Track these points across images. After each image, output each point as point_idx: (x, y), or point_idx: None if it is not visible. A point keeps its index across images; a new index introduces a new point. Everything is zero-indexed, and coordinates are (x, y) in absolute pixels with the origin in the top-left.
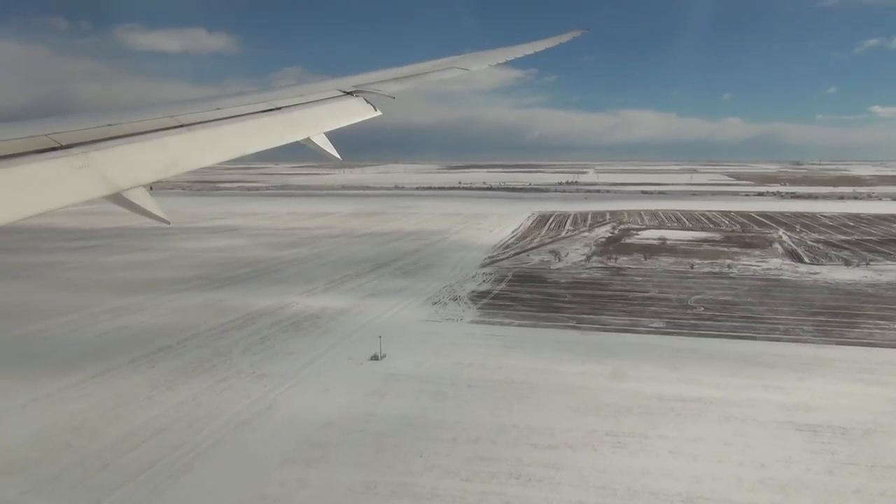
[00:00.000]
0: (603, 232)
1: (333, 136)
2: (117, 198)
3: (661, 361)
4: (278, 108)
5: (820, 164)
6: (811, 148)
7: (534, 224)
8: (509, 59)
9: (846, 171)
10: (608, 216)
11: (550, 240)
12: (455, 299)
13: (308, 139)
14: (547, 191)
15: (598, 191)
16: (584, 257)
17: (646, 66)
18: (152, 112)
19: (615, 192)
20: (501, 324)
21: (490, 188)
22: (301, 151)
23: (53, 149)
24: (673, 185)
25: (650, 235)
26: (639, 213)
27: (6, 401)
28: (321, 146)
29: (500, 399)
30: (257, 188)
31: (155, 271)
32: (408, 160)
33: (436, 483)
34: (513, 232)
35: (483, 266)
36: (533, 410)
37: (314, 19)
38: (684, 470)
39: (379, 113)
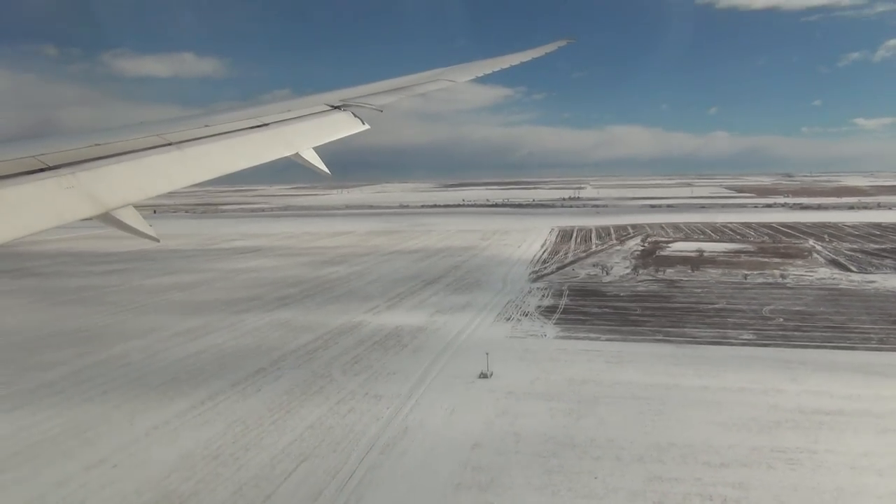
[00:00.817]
0: (634, 245)
1: (322, 154)
2: (106, 217)
3: (777, 373)
4: (266, 125)
5: (811, 176)
6: (797, 160)
7: (559, 239)
8: (496, 69)
9: (839, 182)
10: (630, 230)
11: (584, 254)
12: (526, 315)
13: (297, 154)
14: (553, 206)
15: (605, 206)
16: (629, 270)
17: (633, 81)
18: (140, 131)
19: (622, 206)
20: (588, 339)
21: (495, 205)
22: (290, 172)
23: (41, 170)
24: (676, 198)
25: (684, 248)
26: (660, 225)
27: (126, 429)
28: (310, 161)
29: (637, 415)
30: (261, 209)
31: (200, 293)
32: (397, 179)
33: None
34: (542, 247)
35: (533, 281)
36: (678, 427)
37: (302, 41)
38: (878, 486)
39: (367, 127)
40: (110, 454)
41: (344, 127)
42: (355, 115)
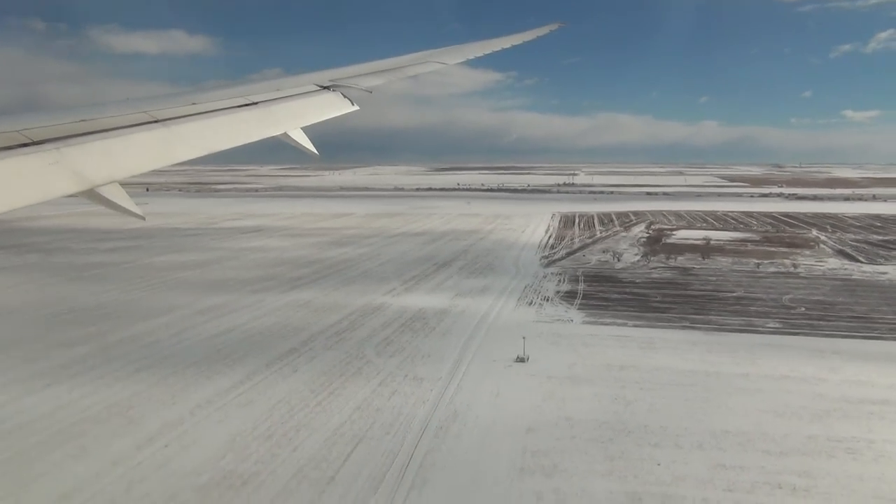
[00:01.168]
0: (638, 232)
1: (311, 134)
2: (91, 194)
3: (813, 361)
4: (255, 103)
5: (800, 167)
6: (786, 151)
7: (561, 224)
8: (486, 52)
9: (829, 173)
10: (632, 216)
11: (591, 240)
12: (547, 300)
13: (285, 134)
14: (549, 192)
15: (601, 192)
16: (639, 257)
17: (625, 68)
18: (126, 108)
19: (619, 193)
20: (615, 324)
21: (491, 189)
22: (278, 152)
23: (25, 145)
24: (670, 186)
25: (690, 236)
26: (660, 213)
27: (169, 408)
28: (298, 141)
29: (684, 402)
30: (254, 189)
31: (213, 272)
32: (386, 162)
33: (703, 493)
34: (546, 232)
35: (546, 266)
36: (728, 414)
37: (294, 20)
38: None
39: (356, 108)
40: (158, 433)
41: (333, 107)
42: (344, 96)
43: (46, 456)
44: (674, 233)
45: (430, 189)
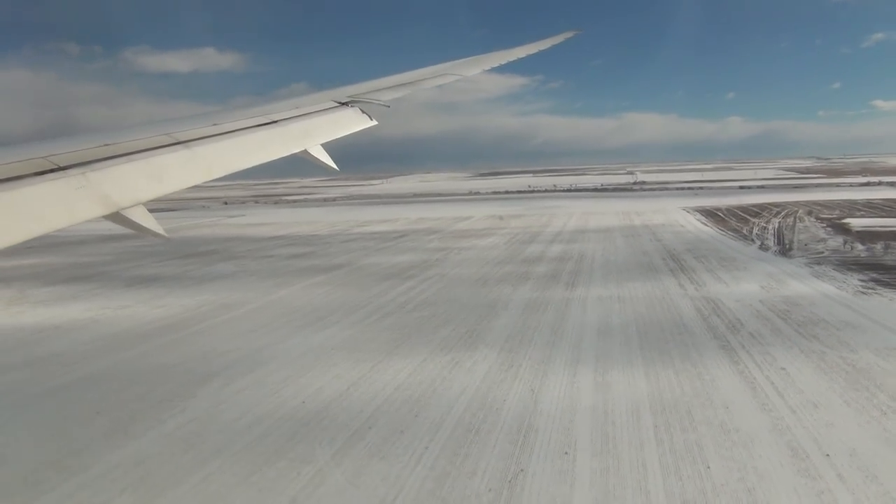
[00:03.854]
0: (810, 223)
1: (336, 146)
2: (116, 216)
3: None
4: (275, 122)
5: (846, 158)
6: (813, 144)
7: (710, 219)
8: (503, 62)
9: (885, 162)
10: (773, 208)
11: (774, 232)
12: (872, 290)
13: (305, 151)
14: (632, 190)
15: (688, 188)
16: (860, 244)
17: (649, 67)
18: (149, 131)
19: (708, 188)
20: None
21: (568, 190)
22: (298, 166)
23: (52, 170)
24: (748, 180)
25: (865, 224)
26: (792, 204)
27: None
28: (319, 158)
29: None
30: (332, 199)
31: (465, 269)
32: (409, 171)
33: None
34: (706, 225)
35: (786, 256)
36: None
37: (321, 33)
38: None
39: (375, 122)
40: None
41: (352, 123)
42: (363, 111)
43: None
44: (840, 220)
45: (506, 192)
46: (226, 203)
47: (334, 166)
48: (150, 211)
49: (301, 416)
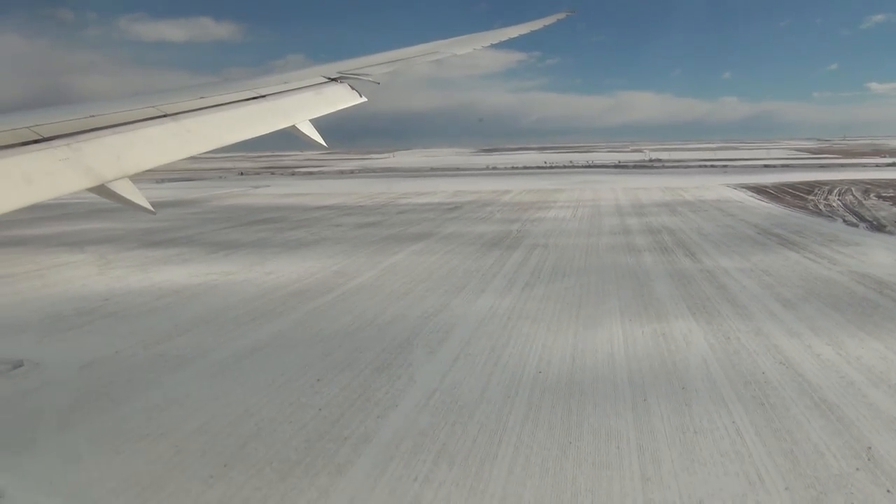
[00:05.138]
0: (876, 201)
1: (327, 122)
2: (101, 189)
3: None
4: (263, 96)
5: (846, 140)
6: (806, 125)
7: (765, 196)
8: (495, 42)
9: (888, 144)
10: (823, 187)
11: (847, 208)
12: None
13: (294, 127)
14: (653, 167)
15: (711, 166)
16: None
17: (648, 46)
18: (136, 102)
19: (732, 166)
20: None
21: (587, 166)
22: (292, 141)
23: (36, 141)
24: (768, 159)
25: None
26: (837, 182)
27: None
28: (307, 133)
29: None
30: (350, 171)
31: (575, 238)
32: (401, 146)
33: None
34: (775, 202)
35: (885, 232)
36: None
37: (318, 4)
38: None
39: (364, 99)
40: None
41: (341, 99)
42: (352, 88)
43: None
44: None
45: (525, 168)
46: (242, 174)
47: (322, 143)
48: (161, 181)
49: (555, 386)
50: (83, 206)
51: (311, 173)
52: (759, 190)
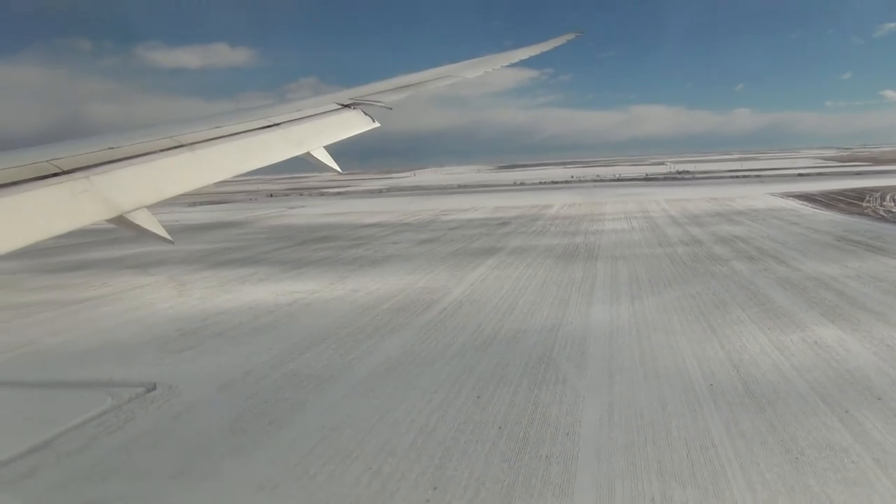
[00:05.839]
0: None
1: (339, 143)
2: (120, 220)
3: None
4: (277, 125)
5: (866, 148)
6: (820, 135)
7: (817, 205)
8: (505, 64)
9: None
10: (873, 194)
11: None
12: None
13: (308, 153)
14: (683, 178)
15: (745, 176)
16: None
17: (660, 59)
18: (152, 133)
19: (767, 176)
20: None
21: (616, 179)
22: (303, 164)
23: (55, 174)
24: (798, 168)
25: None
26: (884, 188)
27: None
28: (321, 160)
29: None
30: (378, 190)
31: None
32: (415, 166)
33: None
34: (831, 210)
35: None
36: None
37: (332, 28)
38: None
39: (377, 124)
40: None
41: (354, 125)
42: (365, 113)
43: None
44: None
45: (553, 182)
46: (271, 195)
47: (337, 168)
48: (193, 205)
49: (738, 399)
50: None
51: (340, 193)
52: (807, 198)
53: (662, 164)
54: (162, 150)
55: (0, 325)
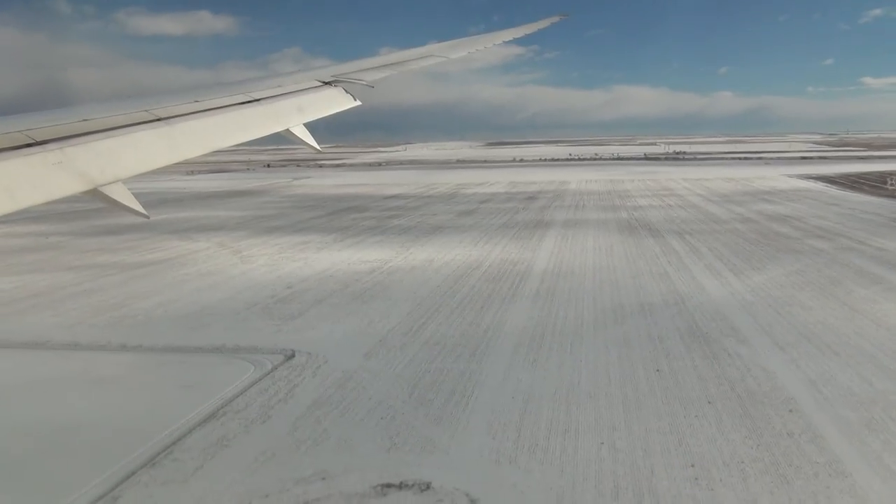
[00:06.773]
0: None
1: (320, 120)
2: (95, 193)
3: None
4: (257, 100)
5: (850, 135)
6: (800, 120)
7: (839, 186)
8: (488, 45)
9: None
10: (889, 178)
11: None
12: None
13: (287, 130)
14: (682, 159)
15: (745, 158)
16: None
17: (647, 39)
18: (129, 106)
19: (769, 158)
20: None
21: (617, 158)
22: (281, 137)
23: (28, 145)
24: (798, 152)
25: None
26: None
27: None
28: (300, 136)
29: None
30: (378, 163)
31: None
32: (397, 142)
33: None
34: (856, 191)
35: None
36: None
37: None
38: None
39: (358, 103)
40: None
41: (335, 103)
42: (347, 91)
43: None
44: None
45: (554, 160)
46: (268, 166)
47: (315, 146)
48: (191, 173)
49: None
50: (154, 196)
51: (339, 166)
52: (828, 180)
53: (655, 144)
54: (139, 124)
55: (77, 287)
